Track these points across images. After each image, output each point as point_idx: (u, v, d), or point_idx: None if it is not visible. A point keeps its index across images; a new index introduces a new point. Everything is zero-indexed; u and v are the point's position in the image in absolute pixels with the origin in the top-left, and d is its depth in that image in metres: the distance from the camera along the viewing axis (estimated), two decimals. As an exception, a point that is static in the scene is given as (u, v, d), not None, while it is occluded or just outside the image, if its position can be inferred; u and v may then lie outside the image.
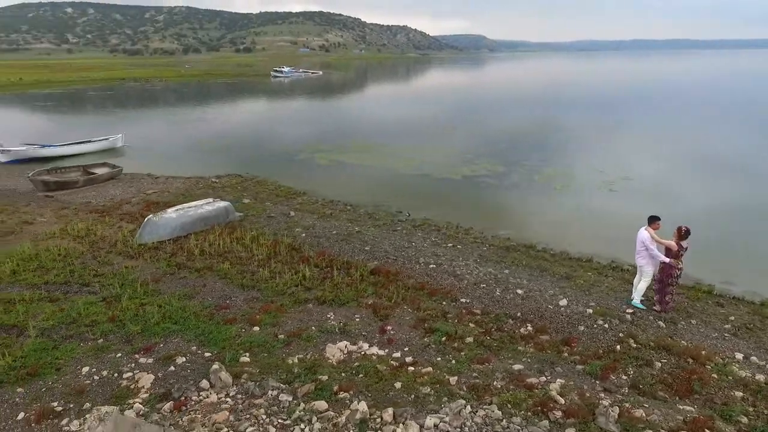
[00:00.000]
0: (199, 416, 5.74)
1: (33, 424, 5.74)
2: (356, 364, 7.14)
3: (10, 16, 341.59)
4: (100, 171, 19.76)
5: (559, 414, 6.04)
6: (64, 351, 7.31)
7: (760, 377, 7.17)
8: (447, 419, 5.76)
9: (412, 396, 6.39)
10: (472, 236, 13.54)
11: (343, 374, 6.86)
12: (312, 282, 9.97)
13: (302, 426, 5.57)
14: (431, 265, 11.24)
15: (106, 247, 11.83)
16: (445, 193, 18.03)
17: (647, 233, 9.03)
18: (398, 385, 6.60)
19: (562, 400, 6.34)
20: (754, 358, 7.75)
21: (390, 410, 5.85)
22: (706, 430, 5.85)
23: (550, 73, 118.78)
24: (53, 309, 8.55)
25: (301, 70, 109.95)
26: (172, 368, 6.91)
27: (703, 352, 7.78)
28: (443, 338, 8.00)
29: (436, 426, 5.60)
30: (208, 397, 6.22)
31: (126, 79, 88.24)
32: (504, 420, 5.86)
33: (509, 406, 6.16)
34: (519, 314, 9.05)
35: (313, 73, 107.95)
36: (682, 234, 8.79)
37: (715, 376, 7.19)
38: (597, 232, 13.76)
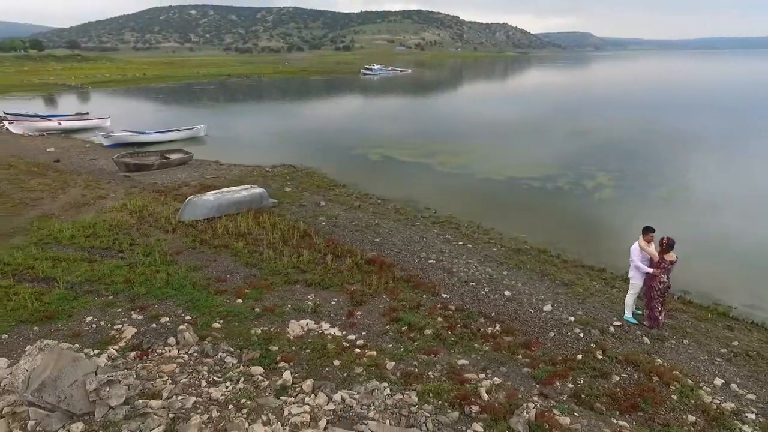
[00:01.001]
0: (151, 365, 6.67)
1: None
2: (309, 340, 7.71)
3: (147, 19, 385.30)
4: (174, 156, 22.17)
5: (475, 408, 6.14)
6: (80, 303, 8.71)
7: (728, 405, 6.61)
8: (357, 396, 6.14)
9: (345, 374, 6.82)
10: (488, 236, 13.42)
11: (293, 348, 7.47)
12: (308, 266, 10.67)
13: (228, 384, 6.26)
14: (430, 260, 11.44)
15: (151, 221, 13.49)
16: (492, 195, 17.73)
17: (637, 244, 8.57)
18: (337, 363, 7.07)
19: (486, 397, 6.40)
20: (734, 386, 7.11)
21: (309, 381, 6.35)
22: (626, 445, 5.65)
23: (663, 73, 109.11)
24: (87, 268, 10.12)
25: (390, 68, 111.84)
26: (154, 325, 7.98)
27: (676, 373, 7.29)
28: (404, 327, 8.29)
29: (343, 400, 6.01)
30: (169, 352, 7.16)
31: (230, 75, 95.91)
32: (416, 406, 6.10)
33: (430, 395, 6.36)
34: (493, 314, 9.03)
35: (402, 71, 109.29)
36: (664, 247, 8.23)
37: (675, 397, 6.75)
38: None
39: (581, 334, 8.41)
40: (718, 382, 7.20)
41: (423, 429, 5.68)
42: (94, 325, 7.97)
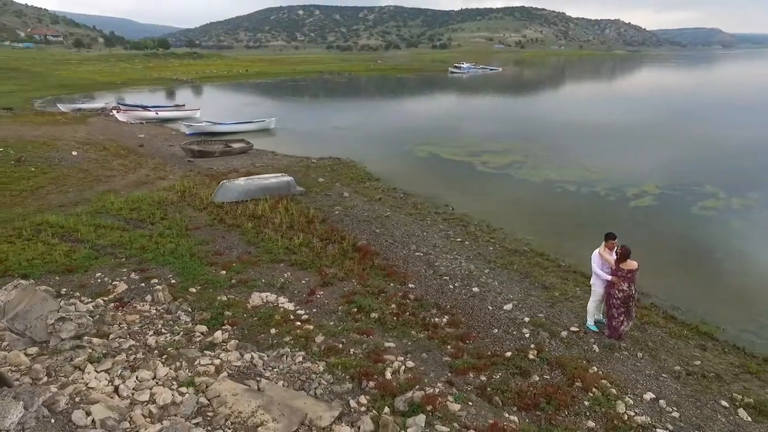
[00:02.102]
0: (120, 314, 7.95)
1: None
2: (262, 311, 8.58)
3: (259, 19, 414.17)
4: (236, 145, 24.35)
5: (371, 384, 6.62)
6: (98, 262, 10.40)
7: (642, 419, 6.38)
8: (266, 358, 6.90)
9: (275, 341, 7.61)
10: (491, 236, 13.38)
11: (244, 315, 8.41)
12: (299, 248, 11.58)
13: (167, 335, 7.33)
14: (417, 253, 11.80)
15: (189, 201, 15.25)
16: (520, 200, 17.41)
17: (597, 251, 8.34)
18: (273, 331, 7.88)
19: (389, 376, 6.83)
20: (662, 402, 6.80)
21: (234, 342, 7.23)
22: (499, 435, 5.81)
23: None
24: (117, 235, 11.92)
25: (480, 66, 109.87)
26: (143, 284, 9.36)
27: (604, 381, 7.11)
28: (354, 309, 8.87)
29: (252, 359, 6.80)
30: (142, 306, 8.43)
31: (323, 72, 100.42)
32: (318, 375, 6.72)
33: (338, 367, 6.92)
34: (449, 306, 9.26)
35: (492, 70, 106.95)
36: (619, 255, 7.92)
37: (586, 403, 6.65)
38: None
39: (527, 335, 8.40)
40: (648, 396, 6.91)
41: (311, 393, 6.28)
42: (99, 280, 9.53)
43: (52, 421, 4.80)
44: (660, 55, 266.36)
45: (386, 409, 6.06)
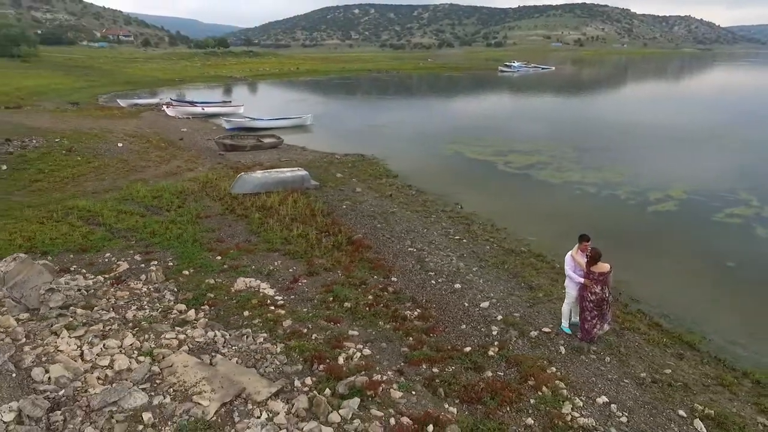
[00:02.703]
0: (112, 290, 8.69)
1: (62, 272, 9.62)
2: (243, 294, 9.09)
3: (316, 18, 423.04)
4: (267, 140, 25.30)
5: (321, 367, 6.94)
6: (111, 243, 11.32)
7: (586, 421, 6.32)
8: (228, 336, 7.37)
9: (245, 322, 8.08)
10: (492, 235, 13.30)
11: (225, 297, 8.95)
12: (296, 239, 12.05)
13: (146, 310, 7.97)
14: (410, 249, 11.97)
15: (209, 191, 16.13)
16: (537, 201, 17.13)
17: (570, 253, 8.24)
18: (246, 314, 8.36)
19: (341, 362, 7.13)
20: (614, 407, 6.67)
21: (203, 320, 7.76)
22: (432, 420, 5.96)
23: None
24: (134, 220, 12.87)
25: (532, 65, 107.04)
26: (143, 265, 10.14)
27: (558, 382, 7.07)
28: (330, 298, 9.20)
29: (214, 336, 7.29)
30: (136, 284, 9.15)
31: (371, 71, 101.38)
32: (271, 354, 7.12)
33: (295, 349, 7.30)
34: (424, 301, 9.41)
35: (544, 68, 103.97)
36: (589, 258, 7.78)
37: (532, 401, 6.65)
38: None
39: (495, 332, 8.42)
40: (601, 400, 6.80)
41: (260, 371, 6.69)
42: (106, 259, 10.40)
43: (14, 375, 5.45)
44: (734, 53, 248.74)
45: (327, 391, 6.36)
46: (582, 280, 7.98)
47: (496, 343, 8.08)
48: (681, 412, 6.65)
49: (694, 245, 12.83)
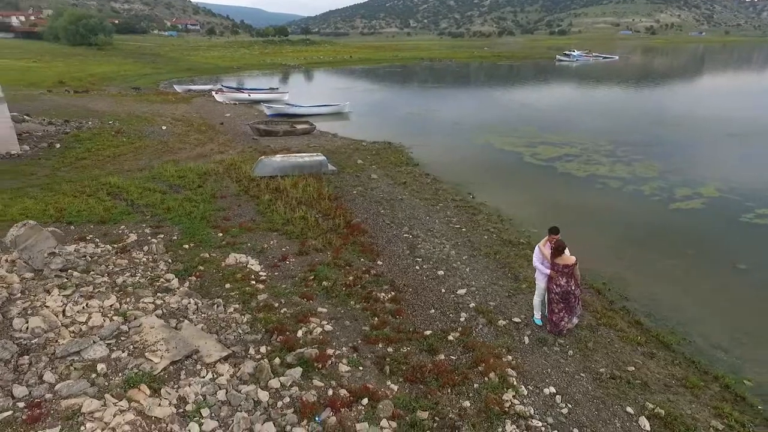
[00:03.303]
0: (113, 258, 9.53)
1: (79, 240, 10.65)
2: (230, 269, 9.68)
3: (375, 7, 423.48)
4: (300, 126, 26.02)
5: (279, 338, 7.38)
6: (129, 217, 12.29)
7: (521, 408, 6.38)
8: (200, 305, 7.94)
9: (224, 293, 8.65)
10: (494, 225, 13.18)
11: (213, 270, 9.57)
12: (296, 220, 12.53)
13: (138, 277, 8.71)
14: (405, 235, 12.15)
15: (231, 173, 16.97)
16: (551, 190, 16.67)
17: (538, 245, 8.18)
18: (227, 286, 8.94)
19: (300, 335, 7.53)
20: (558, 398, 6.66)
21: (184, 289, 8.39)
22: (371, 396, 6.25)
23: None
24: (155, 197, 13.85)
25: (593, 54, 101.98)
26: (150, 237, 10.97)
27: (509, 370, 7.12)
28: (311, 277, 9.61)
29: (188, 304, 7.88)
30: (137, 255, 9.97)
31: (423, 59, 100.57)
32: (236, 323, 7.63)
33: (261, 321, 7.78)
34: (402, 285, 9.60)
35: (606, 58, 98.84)
36: (553, 249, 7.67)
37: (476, 385, 6.76)
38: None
39: (462, 319, 8.51)
40: (548, 390, 6.80)
41: (221, 338, 7.21)
42: (120, 231, 11.34)
43: (-3, 323, 6.25)
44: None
45: (276, 360, 6.79)
46: (548, 271, 7.91)
47: (459, 328, 8.19)
48: (629, 409, 6.53)
49: (707, 245, 12.14)
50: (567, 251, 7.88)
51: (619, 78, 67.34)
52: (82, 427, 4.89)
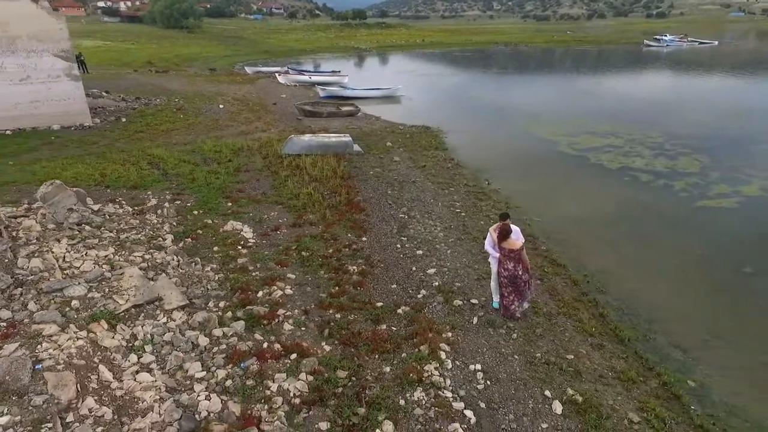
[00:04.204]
0: (128, 218, 10.84)
1: (109, 201, 12.15)
2: (223, 234, 10.66)
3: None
4: (344, 108, 26.80)
5: (240, 296, 8.19)
6: (158, 185, 13.72)
7: (438, 380, 6.69)
8: (181, 261, 8.94)
9: (210, 255, 9.63)
10: (498, 212, 13.14)
11: (209, 234, 10.60)
12: (301, 195, 13.30)
13: (139, 235, 9.91)
14: (401, 215, 12.50)
15: (263, 150, 18.12)
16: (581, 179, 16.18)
17: (491, 229, 8.31)
18: (215, 249, 9.91)
19: (260, 295, 8.30)
20: (480, 375, 6.89)
21: (174, 248, 9.44)
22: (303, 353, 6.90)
23: None
24: (188, 167, 15.27)
25: (688, 39, 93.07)
26: (167, 204, 12.25)
27: (443, 344, 7.42)
28: (294, 246, 10.35)
29: (170, 260, 8.91)
30: (150, 217, 11.25)
31: (498, 44, 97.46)
32: (208, 280, 8.55)
33: (230, 281, 8.65)
34: (377, 260, 10.05)
35: (703, 43, 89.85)
36: (498, 233, 7.75)
37: (404, 355, 7.16)
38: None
39: (420, 296, 8.84)
40: (473, 367, 7.04)
41: (189, 292, 8.14)
42: (145, 196, 12.76)
43: (6, 260, 7.58)
44: None
45: (229, 314, 7.62)
46: (496, 255, 8.02)
47: (413, 304, 8.53)
48: (547, 393, 6.62)
49: (719, 245, 11.34)
50: (514, 236, 7.93)
51: (711, 66, 61.32)
52: (38, 346, 5.97)
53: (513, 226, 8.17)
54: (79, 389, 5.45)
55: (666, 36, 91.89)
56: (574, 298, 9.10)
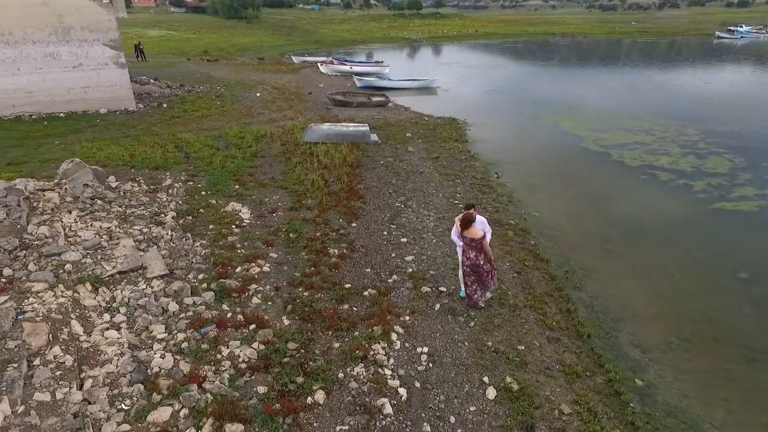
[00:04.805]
0: (140, 195, 11.81)
1: (130, 180, 13.23)
2: (222, 214, 11.40)
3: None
4: (375, 99, 27.17)
5: (218, 270, 8.85)
6: (178, 167, 14.73)
7: (382, 358, 7.02)
8: (174, 236, 9.71)
9: (204, 232, 10.38)
10: (496, 206, 13.15)
11: (210, 214, 11.38)
12: (307, 182, 13.85)
13: (145, 211, 10.80)
14: (398, 204, 12.77)
15: (284, 137, 18.86)
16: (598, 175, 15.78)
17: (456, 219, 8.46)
18: (211, 227, 10.66)
19: (238, 271, 8.92)
20: (424, 357, 7.15)
21: (172, 223, 10.25)
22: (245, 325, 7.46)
23: None
24: (208, 152, 16.24)
25: (767, 30, 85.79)
26: (179, 184, 13.17)
27: (398, 327, 7.74)
28: (284, 228, 10.92)
29: (163, 234, 9.70)
30: (161, 195, 12.18)
31: (554, 34, 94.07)
32: (194, 254, 9.27)
33: (215, 256, 9.33)
34: (360, 247, 10.42)
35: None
36: (460, 222, 7.90)
37: (356, 333, 7.54)
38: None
39: (390, 281, 9.14)
40: (421, 350, 7.31)
41: (174, 264, 8.89)
42: (163, 176, 13.77)
43: (18, 226, 8.61)
44: None
45: (204, 285, 8.29)
46: (460, 243, 8.18)
47: (381, 288, 8.86)
48: (485, 379, 6.80)
49: (722, 249, 10.83)
50: (479, 226, 8.05)
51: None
52: (25, 300, 6.85)
53: (479, 217, 8.31)
54: (51, 339, 6.25)
55: (742, 27, 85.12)
56: (545, 293, 9.10)
